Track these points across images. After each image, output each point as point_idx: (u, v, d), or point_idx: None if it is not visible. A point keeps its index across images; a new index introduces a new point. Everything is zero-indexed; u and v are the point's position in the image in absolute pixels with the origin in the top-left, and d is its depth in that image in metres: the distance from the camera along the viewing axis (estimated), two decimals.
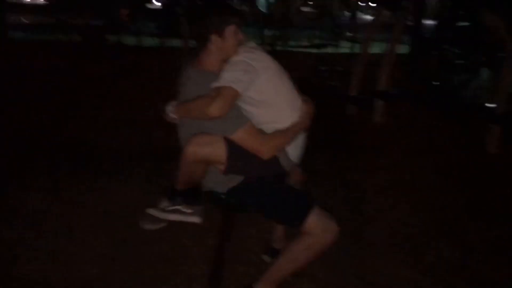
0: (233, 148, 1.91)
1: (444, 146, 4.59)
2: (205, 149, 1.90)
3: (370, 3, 19.46)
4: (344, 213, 3.12)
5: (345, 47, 10.30)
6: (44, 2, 15.81)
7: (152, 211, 2.13)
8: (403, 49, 9.78)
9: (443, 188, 3.60)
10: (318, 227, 1.91)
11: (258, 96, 1.94)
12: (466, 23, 6.88)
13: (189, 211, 2.14)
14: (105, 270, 2.36)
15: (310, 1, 14.51)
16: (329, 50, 10.15)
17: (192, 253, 2.56)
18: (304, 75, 7.34)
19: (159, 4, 11.98)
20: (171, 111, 1.99)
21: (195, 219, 2.14)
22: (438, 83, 6.44)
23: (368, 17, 13.95)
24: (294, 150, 2.11)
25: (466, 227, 3.00)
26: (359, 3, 18.42)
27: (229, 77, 1.86)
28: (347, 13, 13.86)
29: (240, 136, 1.90)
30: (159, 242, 2.63)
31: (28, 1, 19.19)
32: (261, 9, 12.71)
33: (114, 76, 6.91)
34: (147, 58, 8.66)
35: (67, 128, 4.58)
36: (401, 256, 2.64)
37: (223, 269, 2.33)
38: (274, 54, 2.25)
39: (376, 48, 5.90)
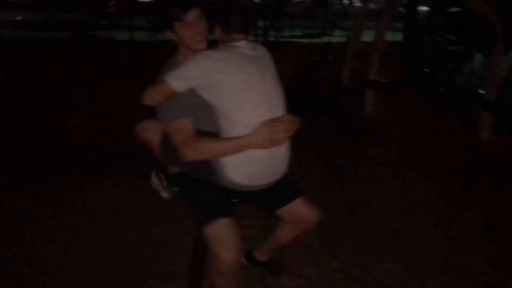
0: (167, 139, 1.88)
1: (436, 134, 4.54)
2: (145, 133, 2.05)
3: None
4: (328, 205, 3.08)
5: (340, 36, 10.22)
6: None
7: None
8: (397, 36, 9.74)
9: (433, 178, 3.55)
10: (215, 241, 1.78)
11: (213, 100, 1.80)
12: (458, 9, 6.80)
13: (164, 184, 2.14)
14: (82, 272, 2.32)
15: None
16: (324, 39, 10.06)
17: (174, 252, 2.53)
18: (296, 66, 7.28)
19: None
20: None
21: (164, 194, 2.14)
22: (429, 70, 6.37)
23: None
24: (247, 167, 1.79)
25: (455, 217, 2.97)
26: None
27: (173, 72, 1.79)
28: (345, 1, 13.73)
29: (171, 128, 1.82)
30: (141, 241, 2.60)
31: None
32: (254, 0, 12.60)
33: (106, 73, 6.83)
34: (139, 53, 8.57)
35: (57, 127, 4.53)
36: (385, 249, 2.60)
37: (202, 268, 2.30)
38: (267, 44, 2.18)
39: (370, 37, 5.82)
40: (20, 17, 13.16)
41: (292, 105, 1.97)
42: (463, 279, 2.36)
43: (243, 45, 1.88)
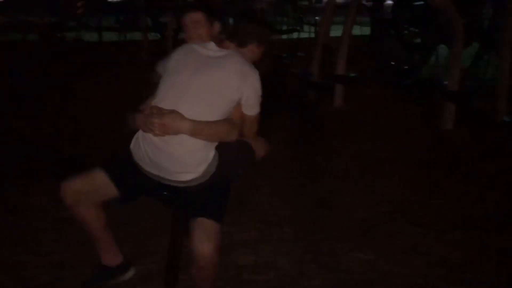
0: None
1: (402, 125, 4.69)
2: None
3: None
4: (301, 199, 3.17)
5: (309, 32, 10.31)
6: None
7: None
8: (365, 30, 9.90)
9: (399, 168, 3.67)
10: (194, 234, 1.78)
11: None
12: (421, 2, 6.96)
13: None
14: (55, 277, 2.32)
15: None
16: (293, 35, 10.13)
17: (149, 252, 2.55)
18: (266, 63, 7.34)
19: None
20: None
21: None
22: (395, 63, 6.53)
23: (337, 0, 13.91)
24: (139, 142, 1.89)
25: (420, 205, 3.08)
26: None
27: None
28: None
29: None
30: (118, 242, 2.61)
31: None
32: None
33: (75, 75, 6.74)
34: (108, 54, 8.49)
35: (24, 132, 4.47)
36: (357, 239, 2.69)
37: (178, 265, 2.33)
38: None
39: (339, 32, 5.92)
40: None
41: (263, 102, 2.03)
42: (428, 264, 2.46)
43: (210, 47, 1.97)
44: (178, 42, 8.36)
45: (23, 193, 3.19)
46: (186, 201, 1.95)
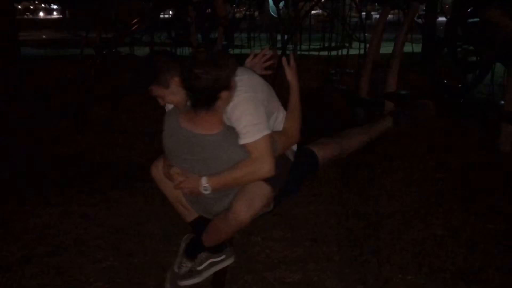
0: (271, 178, 1.97)
1: (455, 147, 4.52)
2: (257, 207, 1.96)
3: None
4: (348, 217, 3.11)
5: (358, 49, 10.23)
6: (58, 17, 16.17)
7: (186, 282, 2.24)
8: (416, 48, 9.71)
9: (453, 190, 3.54)
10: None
11: (267, 113, 2.04)
12: (476, 19, 6.77)
13: (220, 257, 2.24)
14: (109, 283, 2.39)
15: (320, 4, 14.45)
16: (342, 52, 10.09)
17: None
18: (314, 79, 7.34)
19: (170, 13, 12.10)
20: (207, 189, 1.95)
21: (230, 260, 2.27)
22: (448, 82, 6.34)
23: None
24: None
25: (477, 230, 2.95)
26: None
27: (252, 126, 1.90)
28: (363, 13, 13.70)
29: (279, 143, 2.05)
30: (164, 253, 2.66)
31: (42, 17, 19.65)
32: (272, 14, 12.72)
33: (126, 89, 6.99)
34: None
35: (76, 142, 4.67)
36: (407, 261, 2.60)
37: (225, 278, 2.35)
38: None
39: (389, 48, 5.84)
40: (44, 36, 13.60)
41: (310, 119, 2.05)
42: None
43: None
44: None
45: (75, 201, 3.32)
46: None
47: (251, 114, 1.92)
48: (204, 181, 1.94)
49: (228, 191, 2.03)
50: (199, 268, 2.25)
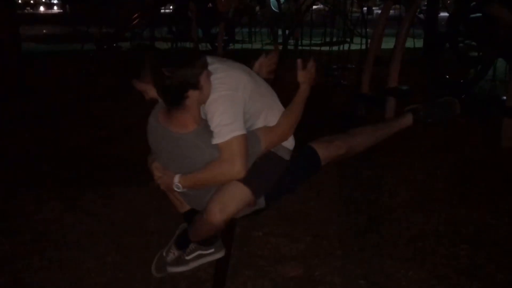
0: (252, 179, 1.94)
1: (457, 142, 4.51)
2: (231, 210, 1.94)
3: None
4: (350, 213, 3.11)
5: (359, 44, 10.21)
6: (59, 11, 16.16)
7: (172, 269, 2.26)
8: (417, 43, 9.69)
9: (454, 187, 3.54)
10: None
11: (252, 111, 2.01)
12: (479, 14, 6.74)
13: (209, 250, 2.22)
14: (112, 278, 2.40)
15: None
16: (343, 47, 10.07)
17: None
18: (316, 74, 7.30)
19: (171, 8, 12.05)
20: (179, 187, 1.98)
21: (219, 254, 2.24)
22: (449, 77, 6.32)
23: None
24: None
25: (479, 227, 2.94)
26: None
27: (224, 126, 1.84)
28: (364, 8, 13.65)
29: (264, 140, 2.02)
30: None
31: (42, 11, 19.64)
32: (273, 8, 12.69)
33: (128, 83, 6.98)
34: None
35: (77, 138, 4.67)
36: (409, 257, 2.61)
37: (226, 273, 2.35)
38: (286, 53, 2.28)
39: (390, 44, 5.83)
40: (45, 31, 13.59)
41: (311, 114, 2.04)
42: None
43: (217, 64, 2.08)
44: (228, 52, 8.55)
45: (79, 197, 3.32)
46: None
47: (224, 113, 1.87)
48: (176, 179, 1.95)
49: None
50: (187, 258, 2.26)
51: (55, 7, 39.65)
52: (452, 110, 2.66)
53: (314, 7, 12.44)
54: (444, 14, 10.10)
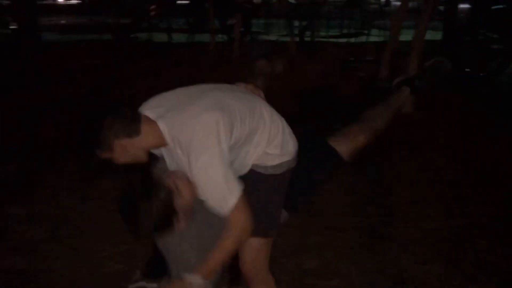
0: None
1: (476, 136, 4.44)
2: (260, 263, 1.91)
3: None
4: (366, 206, 3.09)
5: (377, 36, 10.08)
6: (77, 2, 16.25)
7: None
8: (436, 35, 9.52)
9: (472, 180, 3.49)
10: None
11: (242, 140, 1.71)
12: (501, 6, 6.60)
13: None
14: (128, 266, 2.43)
15: None
16: (361, 39, 9.96)
17: None
18: (332, 66, 7.25)
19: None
20: (198, 281, 1.65)
21: None
22: (471, 70, 6.22)
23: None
24: None
25: (496, 220, 2.91)
26: None
27: (218, 200, 1.62)
28: (382, 0, 13.47)
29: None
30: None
31: (61, 2, 19.75)
32: (289, 0, 12.57)
33: (145, 74, 7.01)
34: (176, 55, 8.73)
35: (95, 126, 4.70)
36: (425, 250, 2.59)
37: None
38: (303, 45, 2.21)
39: (409, 36, 5.74)
40: (63, 22, 13.71)
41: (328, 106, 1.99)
42: (505, 283, 2.32)
43: None
44: (244, 44, 8.51)
45: (98, 185, 3.36)
46: None
47: (211, 188, 1.62)
48: (189, 278, 1.67)
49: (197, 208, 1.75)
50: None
51: None
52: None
53: None
54: (463, 6, 9.89)
